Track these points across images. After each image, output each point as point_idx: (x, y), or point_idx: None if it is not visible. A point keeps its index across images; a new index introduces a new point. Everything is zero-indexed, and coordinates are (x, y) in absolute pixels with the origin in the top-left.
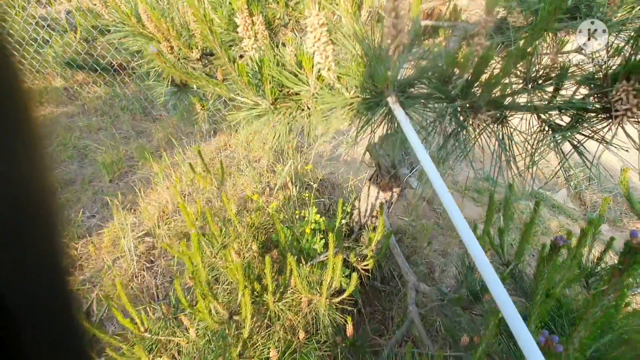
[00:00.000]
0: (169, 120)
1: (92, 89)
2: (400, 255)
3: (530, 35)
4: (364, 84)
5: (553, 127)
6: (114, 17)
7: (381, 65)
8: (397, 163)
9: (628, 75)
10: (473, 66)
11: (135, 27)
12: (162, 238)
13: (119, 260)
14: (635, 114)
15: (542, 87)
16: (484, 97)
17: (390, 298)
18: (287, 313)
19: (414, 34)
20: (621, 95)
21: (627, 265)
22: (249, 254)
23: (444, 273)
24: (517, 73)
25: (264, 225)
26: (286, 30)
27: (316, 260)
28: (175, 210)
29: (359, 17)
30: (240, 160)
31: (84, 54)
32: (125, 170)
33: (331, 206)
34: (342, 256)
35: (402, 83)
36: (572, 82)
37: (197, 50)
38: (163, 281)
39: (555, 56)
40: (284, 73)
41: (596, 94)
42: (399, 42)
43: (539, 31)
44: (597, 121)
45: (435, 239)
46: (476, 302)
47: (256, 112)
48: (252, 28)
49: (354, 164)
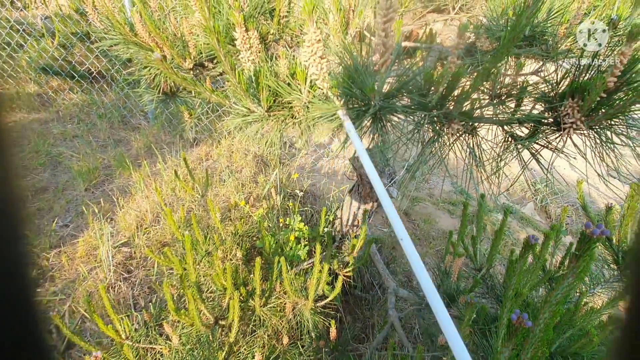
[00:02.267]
0: (149, 129)
1: (68, 95)
2: (381, 262)
3: (494, 58)
4: (353, 93)
5: (515, 138)
6: (106, 24)
7: (369, 78)
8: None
9: (573, 94)
10: (447, 82)
11: (128, 35)
12: (140, 248)
13: (95, 270)
14: (579, 126)
15: (505, 102)
16: (456, 109)
17: (371, 306)
18: (272, 318)
19: (396, 53)
20: (568, 111)
21: (582, 252)
22: (233, 262)
23: None
24: (484, 90)
25: (248, 233)
26: (277, 45)
27: (300, 267)
28: (155, 219)
29: (347, 35)
30: (222, 170)
31: (61, 60)
32: (102, 179)
33: (313, 216)
34: (328, 264)
35: (387, 94)
36: (530, 99)
37: (190, 60)
38: (140, 292)
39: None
40: (279, 83)
41: (549, 110)
42: (387, 58)
43: (501, 55)
44: (550, 132)
45: None
46: (452, 304)
47: (250, 119)
48: (249, 42)
49: (335, 176)
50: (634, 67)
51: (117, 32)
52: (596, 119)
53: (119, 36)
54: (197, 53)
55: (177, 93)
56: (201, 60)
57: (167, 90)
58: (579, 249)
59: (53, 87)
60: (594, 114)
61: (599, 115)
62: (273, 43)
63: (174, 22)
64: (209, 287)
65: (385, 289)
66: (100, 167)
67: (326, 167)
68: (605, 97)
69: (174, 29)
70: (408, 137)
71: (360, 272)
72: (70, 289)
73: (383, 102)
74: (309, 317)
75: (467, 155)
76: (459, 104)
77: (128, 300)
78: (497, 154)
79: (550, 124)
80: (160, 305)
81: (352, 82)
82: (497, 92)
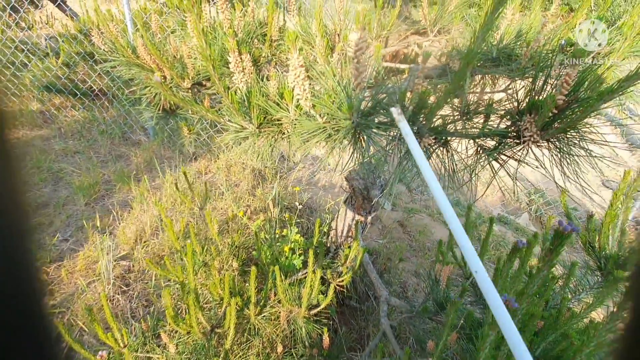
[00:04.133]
0: (148, 145)
1: (70, 113)
2: (374, 272)
3: (455, 79)
4: (333, 111)
5: (485, 150)
6: (109, 46)
7: (347, 97)
8: (369, 185)
9: (530, 110)
10: (416, 100)
11: (130, 57)
12: (139, 261)
13: (94, 283)
14: (536, 139)
15: (472, 118)
16: (426, 125)
17: (365, 317)
18: (266, 327)
19: (374, 75)
20: (526, 125)
21: (555, 246)
22: (229, 272)
23: (417, 292)
24: (454, 107)
25: (245, 244)
26: (269, 67)
27: (295, 277)
28: (154, 233)
29: (331, 58)
30: (221, 184)
31: (64, 79)
32: (102, 194)
33: (310, 228)
34: (320, 272)
35: (364, 112)
36: (496, 115)
37: (189, 80)
38: (138, 304)
39: (481, 94)
40: (269, 102)
41: (513, 125)
42: (360, 81)
43: (461, 76)
44: (513, 145)
45: (409, 260)
46: (441, 311)
47: (243, 135)
48: (241, 65)
49: (331, 188)
50: (580, 87)
51: (120, 54)
52: (550, 132)
53: (122, 58)
54: (195, 74)
55: (176, 110)
56: (199, 79)
57: (167, 108)
58: (552, 244)
59: (55, 104)
60: (548, 128)
61: (552, 129)
62: (265, 64)
63: (173, 44)
64: (206, 297)
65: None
66: (100, 182)
67: (323, 179)
68: (557, 113)
69: (173, 51)
70: (386, 151)
71: (355, 284)
72: (69, 302)
73: (360, 119)
74: (303, 325)
75: (441, 167)
76: (429, 120)
77: (126, 313)
78: (469, 165)
79: (513, 137)
80: (157, 317)
81: (332, 101)
82: (465, 109)
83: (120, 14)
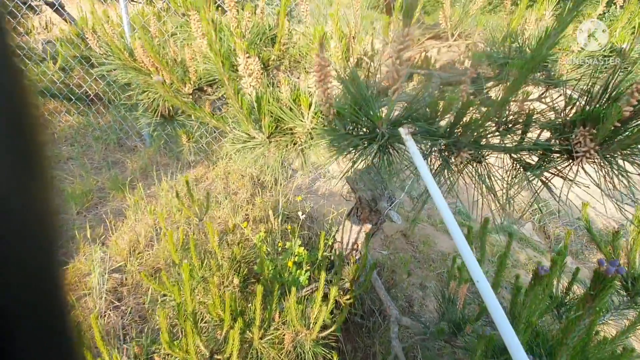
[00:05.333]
0: (145, 152)
1: (64, 118)
2: (382, 289)
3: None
4: (359, 120)
5: (524, 166)
6: (105, 50)
7: (375, 105)
8: (377, 197)
9: (584, 122)
10: (456, 110)
11: (127, 60)
12: (132, 274)
13: (84, 298)
14: (592, 155)
15: (512, 130)
16: (466, 138)
17: (371, 334)
18: (270, 351)
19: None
20: (580, 139)
21: (597, 291)
22: (229, 288)
23: (423, 307)
24: (491, 118)
25: (246, 258)
26: (278, 72)
27: (300, 294)
28: (149, 244)
29: (348, 61)
30: (219, 192)
31: (59, 83)
32: (95, 202)
33: (312, 239)
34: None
35: (393, 121)
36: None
37: (190, 85)
38: (131, 321)
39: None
40: (283, 108)
41: (559, 138)
42: (398, 85)
43: (518, 84)
44: (560, 161)
45: (413, 272)
46: (458, 333)
47: (251, 145)
48: (250, 67)
49: (332, 197)
50: None
51: (117, 57)
52: (611, 147)
53: (118, 61)
54: (197, 78)
55: (175, 116)
56: (201, 84)
57: (166, 114)
58: (594, 288)
59: (49, 109)
60: (608, 143)
61: (614, 144)
62: (274, 69)
63: (173, 48)
64: (204, 316)
65: (386, 316)
66: (94, 189)
67: (323, 188)
68: (619, 126)
69: (173, 55)
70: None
71: (360, 298)
72: None
73: (390, 130)
74: (311, 348)
75: (476, 183)
76: (469, 132)
77: (118, 331)
78: (508, 182)
79: (560, 151)
80: (151, 336)
81: (359, 108)
82: (503, 120)
83: (117, 17)
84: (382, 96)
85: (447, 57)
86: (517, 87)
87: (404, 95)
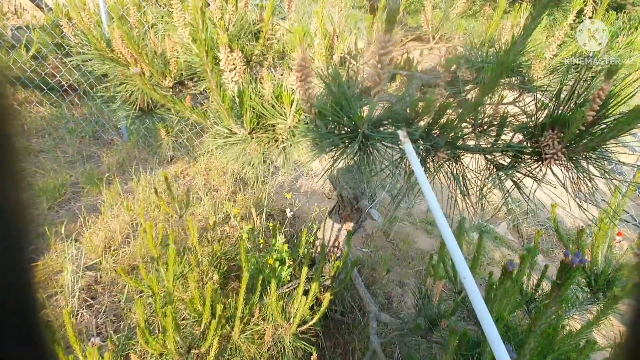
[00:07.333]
0: (122, 146)
1: (35, 108)
2: (362, 286)
3: (483, 91)
4: (341, 120)
5: (497, 166)
6: (81, 39)
7: (356, 105)
8: (358, 195)
9: (553, 125)
10: (433, 112)
11: (105, 51)
12: (108, 271)
13: (55, 296)
14: (559, 157)
15: (487, 132)
16: (443, 138)
17: (351, 330)
18: (250, 346)
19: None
20: (549, 142)
21: (563, 281)
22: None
23: (402, 304)
24: (466, 120)
25: (226, 255)
26: (261, 67)
27: (282, 290)
28: (125, 240)
29: (330, 60)
30: (199, 189)
31: (29, 72)
32: (68, 197)
33: (294, 236)
34: (317, 289)
35: (373, 122)
36: (510, 130)
37: (171, 78)
38: (106, 320)
39: (496, 107)
40: (264, 104)
41: (530, 140)
42: (380, 88)
43: (490, 88)
44: (531, 162)
45: (393, 270)
46: (434, 329)
47: (232, 141)
48: (233, 62)
49: (315, 195)
50: (609, 102)
51: (93, 47)
52: (576, 150)
53: (95, 51)
54: (177, 71)
55: (154, 110)
56: (182, 79)
57: (144, 107)
58: (560, 278)
59: (19, 98)
60: (574, 146)
61: (578, 147)
62: (256, 65)
63: (153, 39)
64: (182, 314)
65: (366, 313)
66: (67, 184)
67: (305, 185)
68: (583, 130)
69: (153, 46)
70: (395, 164)
71: (340, 295)
72: None
73: (371, 130)
74: (290, 343)
75: (451, 182)
76: (445, 133)
77: (91, 330)
78: (482, 181)
79: (531, 153)
80: (127, 334)
81: (340, 108)
82: (479, 122)
83: (95, 6)
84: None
85: (429, 59)
86: (489, 90)
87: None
